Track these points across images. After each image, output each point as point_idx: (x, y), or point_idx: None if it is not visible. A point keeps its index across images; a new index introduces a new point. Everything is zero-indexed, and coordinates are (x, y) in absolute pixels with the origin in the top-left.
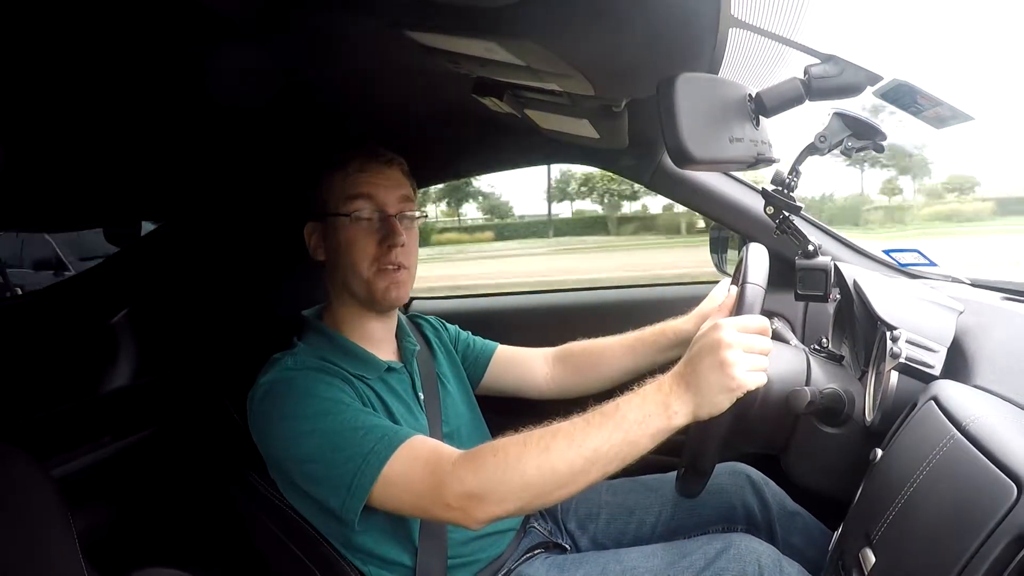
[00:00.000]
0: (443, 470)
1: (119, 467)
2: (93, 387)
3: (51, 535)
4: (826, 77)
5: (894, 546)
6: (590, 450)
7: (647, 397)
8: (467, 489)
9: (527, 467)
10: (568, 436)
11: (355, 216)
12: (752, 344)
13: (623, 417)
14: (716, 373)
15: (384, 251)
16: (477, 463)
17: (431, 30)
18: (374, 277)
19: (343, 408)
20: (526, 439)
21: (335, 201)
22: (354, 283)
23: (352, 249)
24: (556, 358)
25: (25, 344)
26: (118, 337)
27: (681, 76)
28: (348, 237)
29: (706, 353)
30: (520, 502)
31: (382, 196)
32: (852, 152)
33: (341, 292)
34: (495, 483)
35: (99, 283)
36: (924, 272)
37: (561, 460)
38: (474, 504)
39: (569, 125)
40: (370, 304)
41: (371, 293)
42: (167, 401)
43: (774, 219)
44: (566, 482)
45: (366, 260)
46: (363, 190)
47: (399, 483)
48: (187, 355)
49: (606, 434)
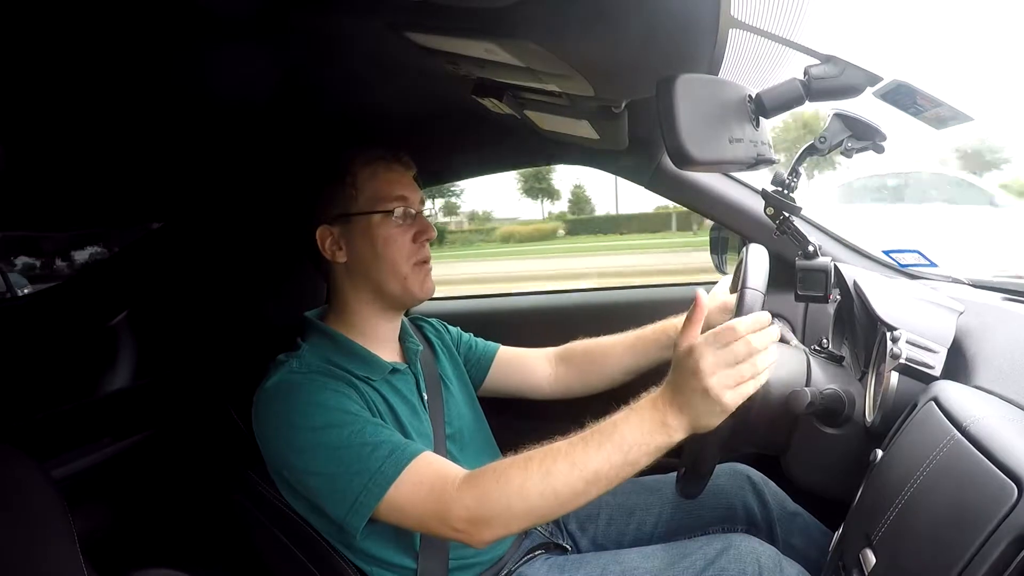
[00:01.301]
0: (447, 496)
1: (119, 468)
2: (93, 388)
3: (51, 536)
4: (826, 78)
5: (894, 547)
6: (591, 472)
7: (644, 416)
8: (471, 514)
9: (530, 493)
10: (569, 459)
11: (394, 214)
12: (736, 355)
13: (623, 438)
14: (701, 397)
15: (419, 246)
16: (481, 489)
17: (430, 31)
18: (411, 272)
19: (351, 420)
20: (527, 462)
21: (365, 201)
22: (390, 281)
23: (390, 247)
24: (558, 358)
25: (25, 345)
26: (118, 339)
27: (681, 77)
28: (386, 236)
29: (687, 379)
30: (523, 524)
31: (411, 196)
32: (852, 153)
33: (363, 292)
34: (499, 508)
35: (99, 284)
36: (924, 273)
37: (563, 484)
38: (478, 528)
39: (569, 126)
40: (403, 300)
41: (407, 288)
42: (167, 403)
43: (774, 220)
44: (567, 503)
45: (403, 257)
46: (398, 191)
47: (404, 506)
48: (187, 357)
49: (606, 455)
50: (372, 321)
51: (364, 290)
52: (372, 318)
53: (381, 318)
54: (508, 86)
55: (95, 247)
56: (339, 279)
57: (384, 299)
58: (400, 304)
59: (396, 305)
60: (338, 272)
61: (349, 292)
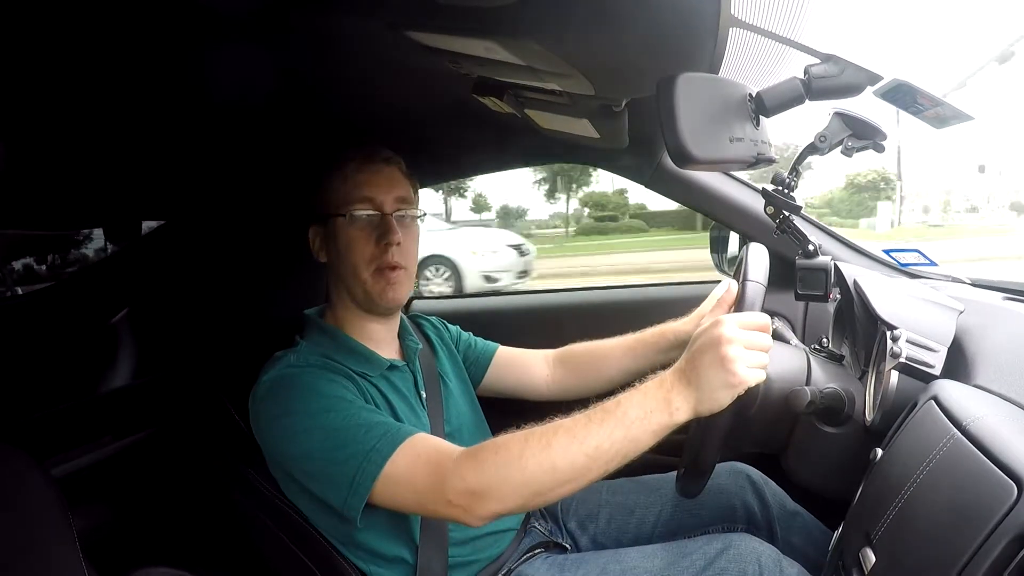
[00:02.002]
0: (445, 467)
1: (119, 467)
2: (93, 387)
3: (51, 535)
4: (826, 77)
5: (894, 546)
6: (592, 447)
7: (649, 393)
8: (469, 486)
9: (528, 464)
10: (570, 433)
11: (352, 216)
12: (753, 340)
13: (624, 414)
14: (717, 369)
15: (381, 251)
16: (479, 460)
17: (431, 30)
18: (371, 278)
19: (346, 405)
20: (527, 436)
21: (335, 203)
22: (353, 285)
23: (350, 251)
24: (557, 360)
25: (25, 343)
26: (118, 337)
27: (681, 76)
28: (346, 238)
29: (707, 349)
30: (521, 499)
31: (379, 196)
32: (852, 152)
33: (342, 294)
34: (497, 480)
35: (99, 283)
36: (924, 272)
37: (562, 457)
38: (476, 501)
39: (569, 125)
40: (369, 306)
41: (368, 295)
42: (167, 401)
43: (774, 219)
44: (568, 479)
45: (363, 261)
46: (361, 192)
47: (401, 480)
48: (187, 355)
49: (608, 431)
50: (362, 321)
51: (342, 291)
52: (360, 319)
53: (367, 319)
54: (509, 85)
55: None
56: (327, 278)
57: (358, 302)
58: (370, 308)
59: (368, 308)
60: (326, 271)
61: (333, 292)
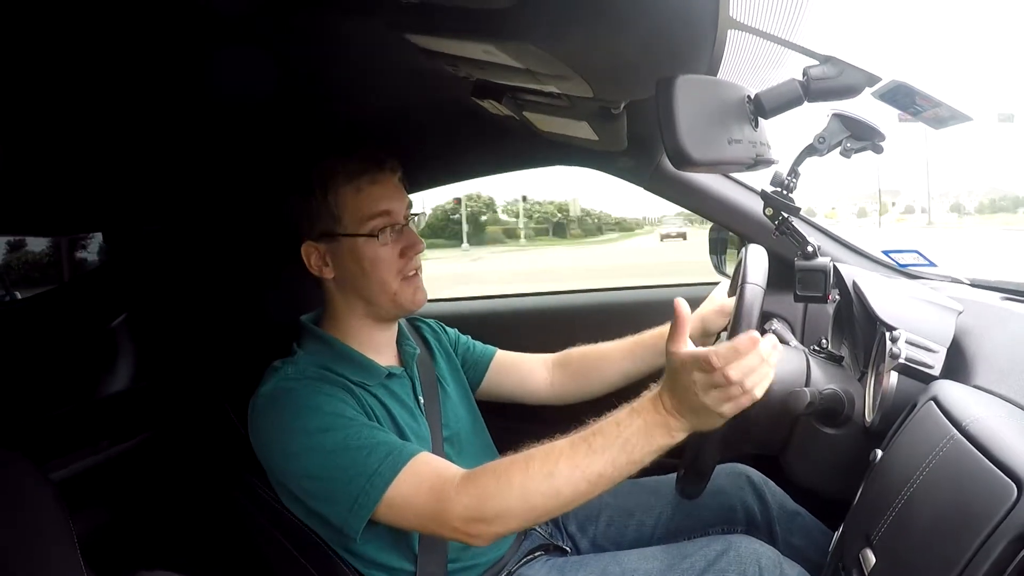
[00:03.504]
0: (447, 495)
1: (118, 470)
2: (91, 391)
3: (50, 539)
4: (825, 78)
5: (894, 546)
6: (595, 474)
7: (647, 419)
8: (470, 515)
9: (531, 493)
10: (572, 461)
11: (378, 235)
12: (717, 381)
13: (627, 441)
14: (699, 409)
15: (407, 260)
16: (480, 488)
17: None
18: (400, 287)
19: (346, 423)
20: (528, 462)
21: (350, 221)
22: (380, 298)
23: (377, 268)
24: (555, 364)
25: (24, 347)
26: (117, 341)
27: (680, 78)
28: (372, 256)
29: (684, 393)
30: (524, 522)
31: (396, 208)
32: (851, 153)
33: (355, 306)
34: (499, 508)
35: (98, 287)
36: (923, 272)
37: (566, 485)
38: (478, 527)
39: (568, 127)
40: (395, 313)
41: (399, 303)
42: (165, 405)
43: (773, 220)
44: (569, 503)
45: (392, 275)
46: (379, 206)
47: (403, 504)
48: (185, 359)
49: (610, 458)
50: (366, 330)
51: (356, 303)
52: (365, 328)
53: (375, 328)
54: (507, 87)
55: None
56: (330, 291)
57: (375, 312)
58: (393, 316)
59: (389, 317)
60: (328, 285)
61: (341, 304)
